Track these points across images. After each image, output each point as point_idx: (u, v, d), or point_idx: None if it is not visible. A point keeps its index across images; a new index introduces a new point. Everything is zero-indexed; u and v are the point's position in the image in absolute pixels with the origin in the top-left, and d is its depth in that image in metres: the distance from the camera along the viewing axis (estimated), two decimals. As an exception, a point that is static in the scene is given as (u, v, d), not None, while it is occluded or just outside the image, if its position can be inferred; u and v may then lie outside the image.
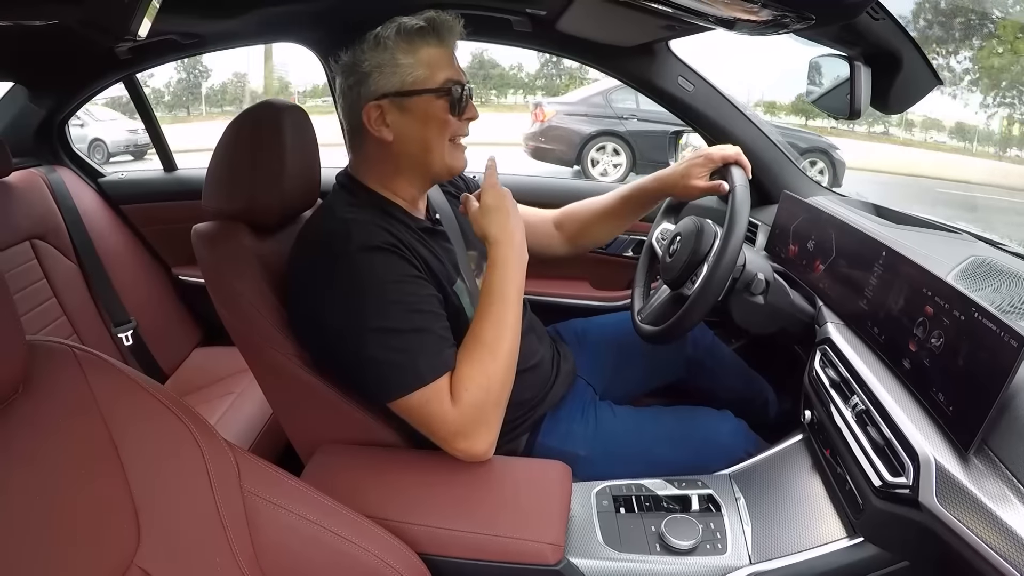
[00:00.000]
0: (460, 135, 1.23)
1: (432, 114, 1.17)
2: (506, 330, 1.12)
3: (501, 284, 1.14)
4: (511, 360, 1.12)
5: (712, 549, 1.02)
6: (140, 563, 0.74)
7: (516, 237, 1.18)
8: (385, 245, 1.09)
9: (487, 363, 1.08)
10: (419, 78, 1.16)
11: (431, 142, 1.19)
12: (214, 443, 0.86)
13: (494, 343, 1.10)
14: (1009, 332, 0.78)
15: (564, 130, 8.79)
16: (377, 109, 1.17)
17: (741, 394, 1.65)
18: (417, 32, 1.16)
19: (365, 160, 1.23)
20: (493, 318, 1.12)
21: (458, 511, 1.04)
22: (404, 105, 1.17)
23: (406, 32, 1.16)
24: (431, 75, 1.17)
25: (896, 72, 1.48)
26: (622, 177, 8.42)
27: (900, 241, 1.16)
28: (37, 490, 0.71)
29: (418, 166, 1.22)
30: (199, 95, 24.45)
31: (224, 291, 1.19)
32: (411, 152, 1.20)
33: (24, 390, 0.75)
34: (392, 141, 1.19)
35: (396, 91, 1.16)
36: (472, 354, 1.09)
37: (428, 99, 1.17)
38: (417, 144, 1.19)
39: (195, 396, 2.02)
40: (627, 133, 8.66)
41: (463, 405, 1.06)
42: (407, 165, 1.22)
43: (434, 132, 1.18)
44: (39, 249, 1.97)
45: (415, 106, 1.17)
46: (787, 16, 1.14)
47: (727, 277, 1.23)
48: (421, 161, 1.21)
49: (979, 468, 0.80)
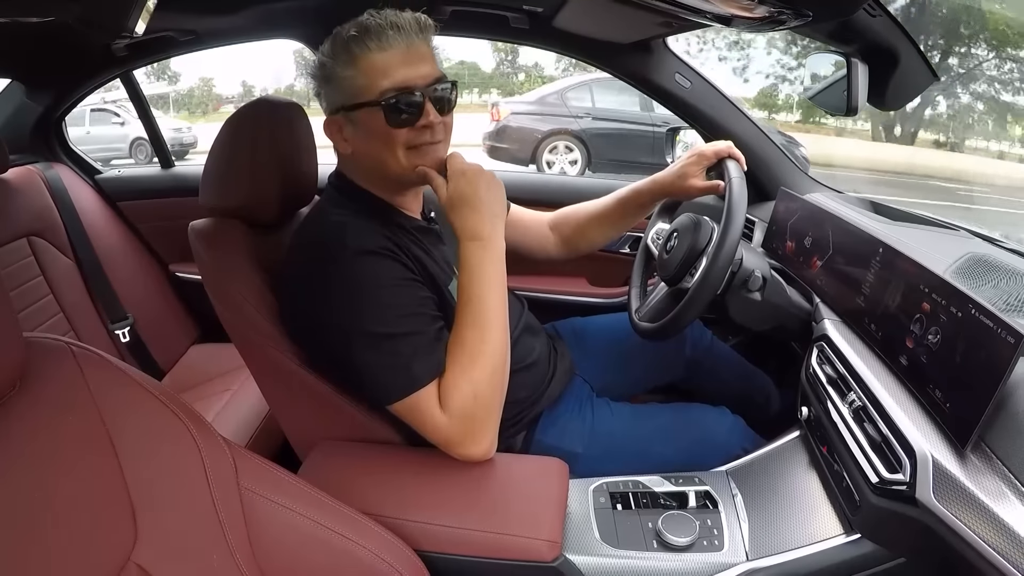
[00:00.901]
0: (420, 143, 1.13)
1: (373, 128, 1.11)
2: (488, 331, 1.08)
3: (474, 284, 1.10)
4: (499, 361, 1.09)
5: (709, 546, 1.02)
6: (137, 560, 0.74)
7: (484, 231, 1.11)
8: (379, 249, 1.09)
9: (470, 369, 1.06)
10: (359, 89, 1.10)
11: (382, 155, 1.13)
12: (211, 440, 0.86)
13: (476, 346, 1.07)
14: (1006, 328, 0.78)
15: (518, 129, 8.82)
16: (335, 123, 1.15)
17: (740, 391, 1.64)
18: (352, 40, 1.08)
19: (346, 164, 1.22)
20: (471, 320, 1.08)
21: (455, 508, 1.04)
22: (352, 119, 1.13)
23: (342, 42, 1.09)
24: (369, 85, 1.09)
25: (893, 68, 1.48)
26: (579, 174, 8.49)
27: (897, 238, 1.16)
28: (34, 487, 0.70)
29: (384, 176, 1.18)
30: (168, 100, 24.44)
31: (221, 288, 1.19)
32: (370, 164, 1.17)
33: (21, 387, 0.75)
34: (352, 154, 1.17)
35: (342, 105, 1.13)
36: (454, 360, 1.07)
37: (368, 112, 1.10)
38: (371, 157, 1.15)
39: (192, 393, 2.02)
40: (582, 132, 8.73)
41: (451, 413, 1.05)
42: (374, 174, 1.19)
43: (380, 146, 1.12)
44: (36, 246, 1.97)
45: (360, 119, 1.12)
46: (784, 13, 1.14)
47: (726, 269, 1.23)
48: (382, 173, 1.17)
49: (976, 465, 0.80)
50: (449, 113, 1.16)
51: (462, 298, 1.11)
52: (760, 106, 17.92)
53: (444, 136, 1.16)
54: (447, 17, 1.85)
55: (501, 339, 1.10)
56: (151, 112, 2.44)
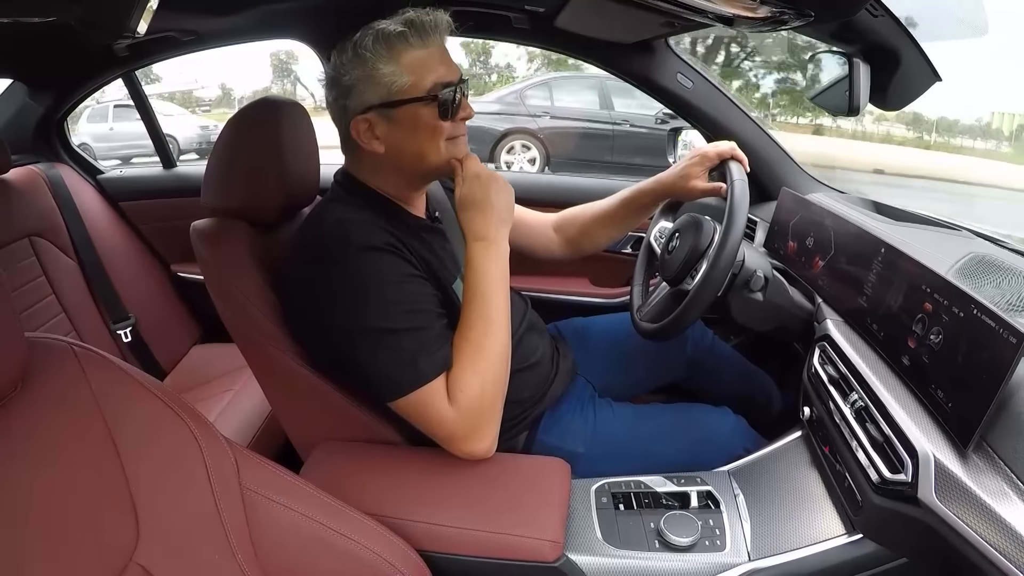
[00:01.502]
0: (457, 135, 1.18)
1: (421, 122, 1.13)
2: (493, 327, 1.10)
3: (480, 282, 1.12)
4: (503, 358, 1.11)
5: (711, 546, 1.02)
6: (139, 560, 0.74)
7: (491, 234, 1.14)
8: (383, 245, 1.09)
9: (478, 363, 1.07)
10: (404, 86, 1.11)
11: (424, 149, 1.16)
12: (213, 440, 0.86)
13: (481, 342, 1.09)
14: (1008, 329, 0.77)
15: (476, 129, 8.75)
16: (365, 122, 1.14)
17: (742, 392, 1.64)
18: (397, 37, 1.10)
19: (360, 163, 1.22)
20: (477, 317, 1.11)
21: (457, 508, 1.04)
22: (392, 116, 1.13)
23: (385, 39, 1.10)
24: (417, 81, 1.11)
25: (895, 69, 1.48)
26: (539, 172, 8.54)
27: (899, 238, 1.16)
28: (36, 487, 0.71)
29: (415, 172, 1.20)
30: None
31: (223, 288, 1.19)
32: (405, 161, 1.18)
33: (23, 387, 0.75)
34: (384, 152, 1.16)
35: (381, 102, 1.12)
36: (462, 355, 1.08)
37: (416, 107, 1.12)
38: (410, 154, 1.16)
39: (194, 393, 2.02)
40: (539, 131, 8.78)
41: (459, 407, 1.05)
42: (404, 171, 1.20)
43: (426, 139, 1.15)
44: (38, 246, 1.97)
45: (403, 116, 1.13)
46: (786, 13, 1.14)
47: (727, 272, 1.23)
48: (417, 168, 1.19)
49: (978, 465, 0.80)
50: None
51: (468, 295, 1.12)
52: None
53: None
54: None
55: (505, 337, 1.11)
56: (153, 112, 2.44)
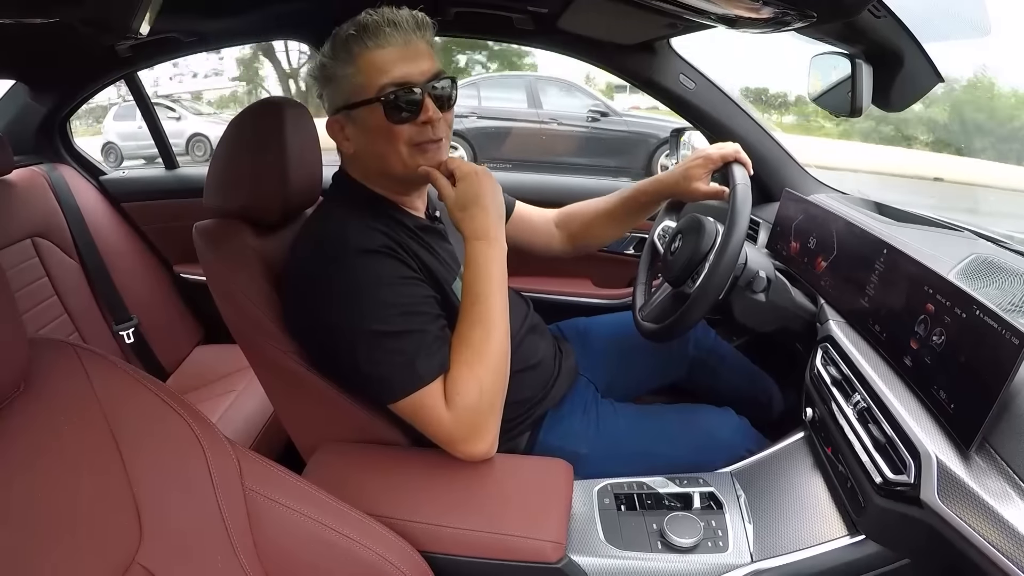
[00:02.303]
0: (422, 140, 1.13)
1: (374, 125, 1.12)
2: (492, 329, 1.10)
3: (480, 283, 1.11)
4: (502, 359, 1.10)
5: (713, 547, 1.02)
6: (142, 561, 0.74)
7: (492, 231, 1.13)
8: (381, 248, 1.09)
9: (476, 366, 1.07)
10: (358, 87, 1.11)
11: (384, 153, 1.14)
12: (215, 441, 0.86)
13: (481, 344, 1.08)
14: (1011, 330, 0.77)
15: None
16: (336, 123, 1.15)
17: (744, 392, 1.64)
18: (351, 39, 1.09)
19: (349, 163, 1.22)
20: (476, 318, 1.10)
21: (460, 509, 1.04)
22: (353, 117, 1.13)
23: (341, 41, 1.10)
24: (369, 82, 1.09)
25: (898, 70, 1.48)
26: None
27: (902, 239, 1.16)
28: (39, 488, 0.71)
29: (385, 175, 1.19)
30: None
31: (225, 289, 1.19)
32: (372, 163, 1.17)
33: (25, 388, 0.75)
34: (355, 153, 1.17)
35: (343, 104, 1.13)
36: (460, 357, 1.08)
37: (370, 109, 1.11)
38: (374, 156, 1.15)
39: (196, 394, 2.02)
40: (466, 131, 8.94)
41: (457, 409, 1.05)
42: (376, 173, 1.20)
43: (383, 143, 1.13)
44: (40, 247, 1.98)
45: (361, 117, 1.13)
46: (789, 14, 1.13)
47: (728, 275, 1.23)
48: (384, 171, 1.17)
49: (980, 466, 0.80)
50: (450, 110, 1.17)
51: (467, 297, 1.11)
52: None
53: (445, 132, 1.17)
54: (451, 18, 1.85)
55: (504, 338, 1.11)
56: (155, 113, 2.45)
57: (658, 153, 8.75)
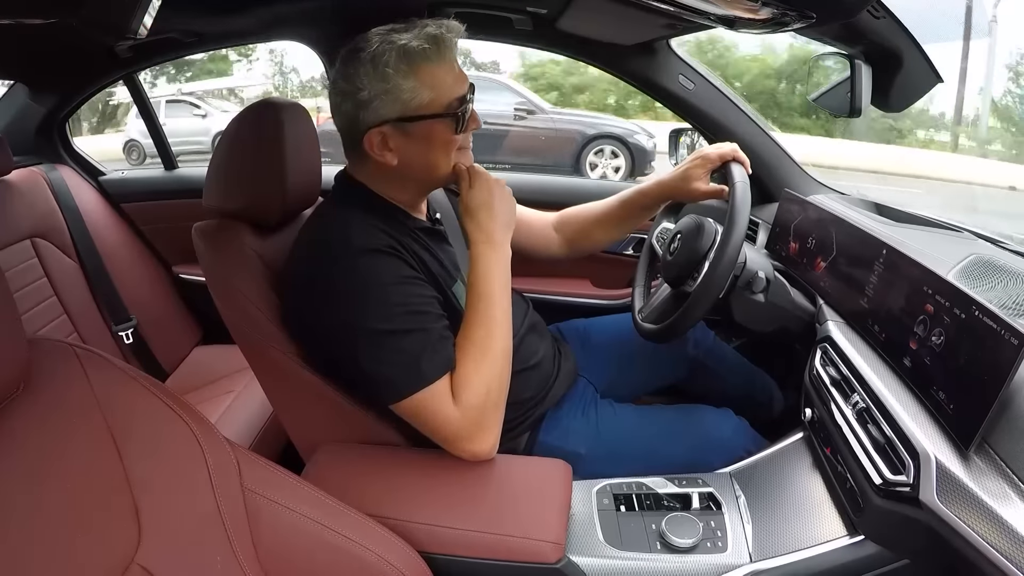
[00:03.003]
0: (465, 146, 1.20)
1: (437, 136, 1.14)
2: (495, 328, 1.11)
3: (482, 282, 1.13)
4: (505, 358, 1.11)
5: (712, 547, 1.02)
6: (141, 561, 0.74)
7: (496, 236, 1.16)
8: (384, 247, 1.09)
9: (481, 364, 1.08)
10: (423, 102, 1.11)
11: (437, 162, 1.17)
12: (215, 441, 0.86)
13: (485, 343, 1.10)
14: (1010, 330, 0.78)
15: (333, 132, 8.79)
16: (379, 135, 1.13)
17: (744, 393, 1.64)
18: (419, 53, 1.09)
19: (366, 170, 1.21)
20: (480, 317, 1.11)
21: (459, 509, 1.04)
22: (407, 130, 1.13)
23: (406, 55, 1.09)
24: (435, 97, 1.11)
25: (897, 70, 1.48)
26: None
27: (901, 239, 1.16)
28: (38, 488, 0.71)
29: (424, 182, 1.22)
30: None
31: (225, 289, 1.19)
32: (416, 172, 1.18)
33: (25, 389, 0.75)
34: (397, 164, 1.16)
35: (399, 117, 1.12)
36: (465, 356, 1.09)
37: (432, 123, 1.13)
38: (421, 166, 1.17)
39: (196, 394, 2.02)
40: None
41: (463, 406, 1.06)
42: (413, 181, 1.21)
43: (440, 152, 1.16)
44: (40, 247, 1.97)
45: (419, 130, 1.13)
46: (788, 15, 1.14)
47: (728, 275, 1.23)
48: (426, 178, 1.21)
49: (979, 466, 0.80)
50: None
51: (472, 297, 1.13)
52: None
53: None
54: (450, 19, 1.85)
55: (507, 338, 1.12)
56: (155, 113, 2.45)
57: (585, 151, 8.69)
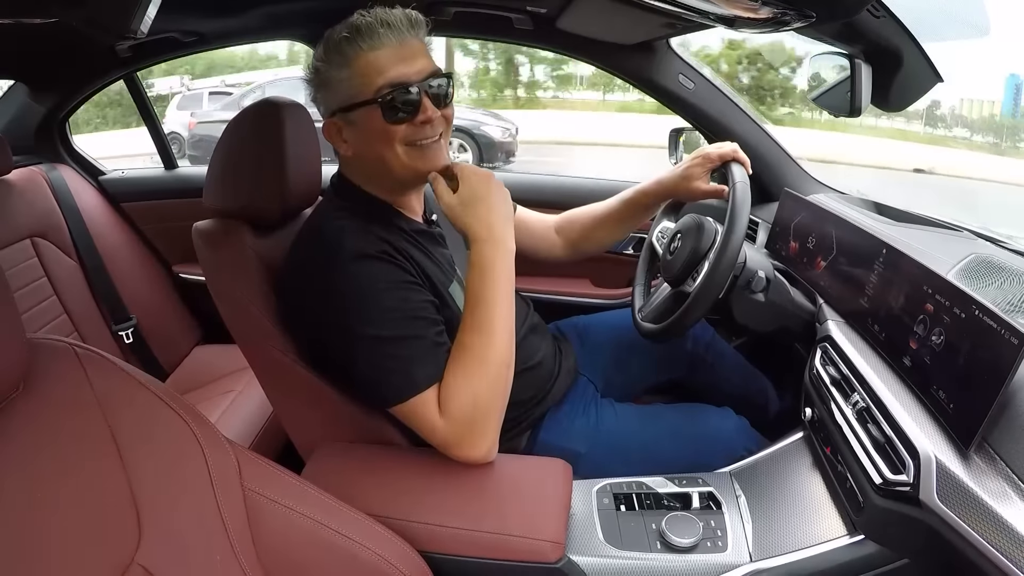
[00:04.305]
0: (418, 139, 1.13)
1: (371, 126, 1.11)
2: (493, 335, 1.08)
3: (482, 287, 1.09)
4: (501, 366, 1.08)
5: (712, 547, 1.02)
6: (141, 561, 0.74)
7: (498, 232, 1.11)
8: (377, 253, 1.08)
9: (471, 374, 1.05)
10: (355, 89, 1.10)
11: (382, 154, 1.13)
12: (215, 441, 0.86)
13: (481, 350, 1.07)
14: (1010, 330, 0.78)
15: (204, 137, 9.30)
16: (334, 126, 1.15)
17: (741, 391, 1.64)
18: (344, 41, 1.09)
19: (346, 166, 1.22)
20: (477, 324, 1.08)
21: (459, 509, 1.04)
22: (351, 119, 1.13)
23: (334, 44, 1.10)
24: (365, 84, 1.09)
25: (897, 69, 1.48)
26: None
27: (901, 239, 1.16)
28: (38, 488, 0.71)
29: (384, 176, 1.18)
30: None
31: (225, 289, 1.19)
32: (371, 165, 1.16)
33: (25, 388, 0.75)
34: (352, 156, 1.16)
35: (339, 107, 1.12)
36: (456, 365, 1.07)
37: (367, 111, 1.10)
38: (372, 158, 1.14)
39: (196, 394, 2.02)
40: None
41: (449, 417, 1.04)
42: (375, 175, 1.19)
43: (380, 144, 1.12)
44: (40, 247, 1.98)
45: (359, 119, 1.12)
46: (788, 14, 1.14)
47: (728, 274, 1.23)
48: (383, 172, 1.16)
49: (980, 465, 0.80)
50: (448, 107, 1.16)
51: (470, 301, 1.10)
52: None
53: (444, 130, 1.17)
54: (450, 18, 1.85)
55: (506, 344, 1.09)
56: (155, 113, 2.45)
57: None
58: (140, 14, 0.94)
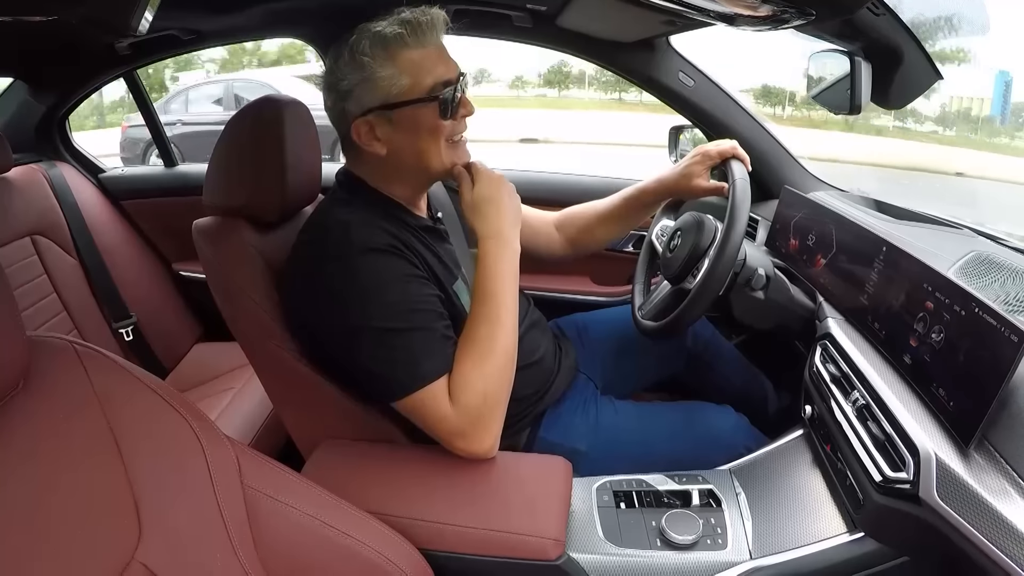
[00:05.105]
0: (457, 133, 1.18)
1: (421, 123, 1.13)
2: (500, 328, 1.10)
3: (490, 281, 1.12)
4: (508, 359, 1.11)
5: (712, 544, 1.02)
6: (141, 558, 0.74)
7: (505, 231, 1.15)
8: (385, 246, 1.09)
9: (482, 364, 1.07)
10: (403, 88, 1.11)
11: (426, 150, 1.15)
12: (215, 438, 0.86)
13: (488, 343, 1.09)
14: (1009, 327, 0.78)
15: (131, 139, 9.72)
16: (366, 125, 1.14)
17: (741, 388, 1.65)
18: (393, 39, 1.09)
19: (362, 164, 1.22)
20: (485, 317, 1.10)
21: (459, 506, 1.04)
22: (392, 118, 1.13)
23: (381, 41, 1.10)
24: (416, 82, 1.11)
25: (897, 67, 1.48)
26: None
27: (901, 236, 1.16)
28: (38, 485, 0.71)
29: (417, 173, 1.20)
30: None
31: (225, 286, 1.19)
32: (407, 162, 1.17)
33: (24, 386, 0.75)
34: (386, 154, 1.16)
35: (381, 105, 1.12)
36: (467, 356, 1.08)
37: (415, 108, 1.12)
38: (411, 154, 1.16)
39: (196, 392, 2.02)
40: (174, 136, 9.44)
41: (460, 407, 1.05)
42: (406, 172, 1.20)
43: (427, 140, 1.14)
44: (39, 245, 1.98)
45: (403, 117, 1.13)
46: (787, 12, 1.13)
47: (728, 271, 1.23)
48: (418, 168, 1.18)
49: (979, 463, 0.80)
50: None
51: (477, 295, 1.12)
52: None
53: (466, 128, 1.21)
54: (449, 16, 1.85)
55: (511, 337, 1.11)
56: (154, 111, 2.45)
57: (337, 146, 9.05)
58: (139, 12, 0.94)
